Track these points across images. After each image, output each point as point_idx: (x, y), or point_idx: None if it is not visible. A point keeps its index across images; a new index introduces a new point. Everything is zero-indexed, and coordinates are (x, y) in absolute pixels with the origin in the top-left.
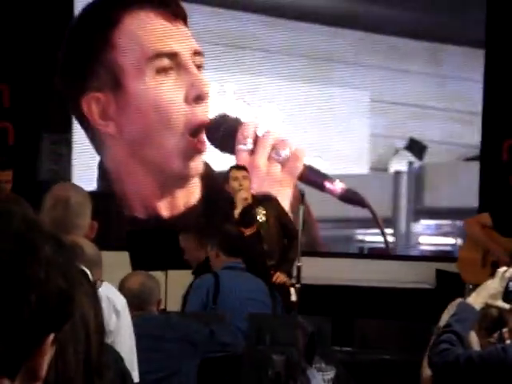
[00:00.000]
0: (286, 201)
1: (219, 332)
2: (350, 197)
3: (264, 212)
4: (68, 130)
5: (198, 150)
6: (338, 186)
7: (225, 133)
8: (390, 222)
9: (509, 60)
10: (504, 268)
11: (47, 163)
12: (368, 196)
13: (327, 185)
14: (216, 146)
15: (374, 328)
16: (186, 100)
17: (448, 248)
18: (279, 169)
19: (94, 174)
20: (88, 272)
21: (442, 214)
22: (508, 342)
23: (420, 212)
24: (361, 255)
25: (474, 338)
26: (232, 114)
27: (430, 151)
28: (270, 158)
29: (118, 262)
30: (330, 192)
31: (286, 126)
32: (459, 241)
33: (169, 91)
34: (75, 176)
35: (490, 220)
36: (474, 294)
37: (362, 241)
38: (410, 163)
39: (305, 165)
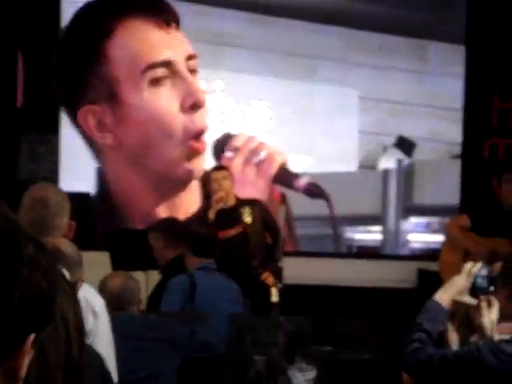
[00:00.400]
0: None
1: (200, 332)
2: (312, 190)
3: (250, 212)
4: (50, 130)
5: (198, 152)
6: (302, 181)
7: (219, 146)
8: (379, 219)
9: (491, 56)
10: (470, 264)
11: (27, 163)
12: (357, 194)
13: (294, 182)
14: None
15: (354, 328)
16: (182, 108)
17: (437, 246)
18: (254, 171)
19: (81, 174)
20: (66, 272)
21: (431, 212)
22: (472, 339)
23: (409, 210)
24: (343, 255)
25: (453, 337)
26: (235, 131)
27: (418, 148)
28: (246, 162)
29: (98, 262)
30: (297, 189)
31: (274, 123)
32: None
33: (165, 100)
34: (62, 177)
35: (469, 221)
36: (441, 291)
37: (351, 239)
38: (399, 161)
39: (280, 166)
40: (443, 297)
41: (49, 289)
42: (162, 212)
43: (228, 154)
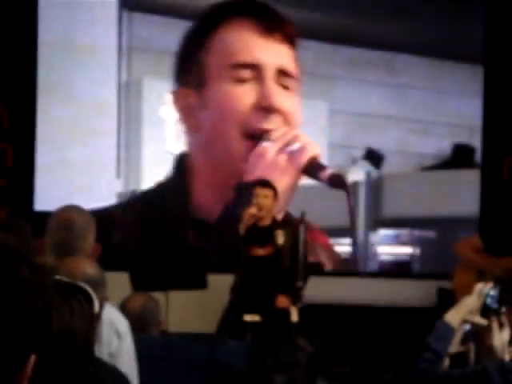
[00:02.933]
0: (282, 189)
1: (220, 353)
2: (336, 180)
3: (283, 234)
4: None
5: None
6: (327, 173)
7: None
8: (348, 232)
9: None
10: (481, 284)
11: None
12: (325, 207)
13: (320, 174)
14: None
15: (374, 348)
16: (255, 107)
17: (406, 258)
18: (285, 159)
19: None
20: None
21: (401, 224)
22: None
23: (378, 222)
24: (362, 274)
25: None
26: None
27: (386, 161)
28: (280, 150)
29: (118, 282)
30: (321, 179)
31: None
32: (417, 251)
33: (241, 98)
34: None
35: (481, 242)
36: (452, 311)
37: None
38: (368, 173)
39: (311, 157)
40: (454, 317)
41: (44, 306)
42: (217, 209)
43: (265, 143)
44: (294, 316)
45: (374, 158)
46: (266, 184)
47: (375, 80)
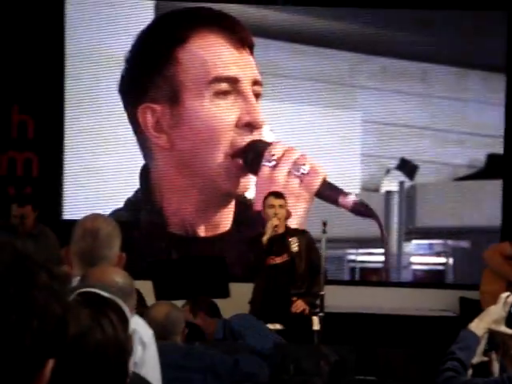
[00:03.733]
0: (300, 214)
1: (243, 362)
2: (361, 209)
3: (297, 242)
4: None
5: (242, 170)
6: (350, 199)
7: (255, 155)
8: (382, 242)
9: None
10: (507, 293)
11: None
12: (357, 218)
13: (340, 199)
14: (248, 169)
15: (397, 357)
16: (237, 124)
17: (440, 268)
18: (297, 183)
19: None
20: (119, 301)
21: (434, 234)
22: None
23: (411, 232)
24: (387, 283)
25: (496, 368)
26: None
27: (420, 171)
28: (289, 173)
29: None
30: (343, 206)
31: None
32: (450, 260)
33: (223, 113)
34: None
35: (511, 249)
36: (476, 320)
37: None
38: (401, 183)
39: (323, 180)
40: (478, 326)
41: (62, 312)
42: (201, 222)
43: (267, 163)
44: (316, 324)
45: (407, 167)
46: (278, 194)
47: (407, 90)
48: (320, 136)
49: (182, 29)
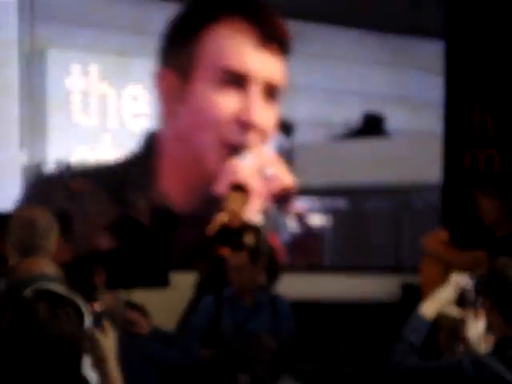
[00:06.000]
0: (254, 212)
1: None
2: (300, 222)
3: (253, 237)
4: None
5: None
6: (297, 207)
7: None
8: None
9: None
10: (457, 276)
11: None
12: None
13: (289, 206)
14: None
15: (341, 343)
16: (233, 121)
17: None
18: (259, 183)
19: None
20: (81, 304)
21: (311, 193)
22: (459, 350)
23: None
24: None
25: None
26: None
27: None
28: (258, 172)
29: None
30: (288, 211)
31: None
32: (329, 220)
33: (222, 105)
34: None
35: (448, 236)
36: (426, 304)
37: None
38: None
39: (283, 188)
40: (428, 309)
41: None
42: (180, 196)
43: (239, 158)
44: None
45: (284, 128)
46: (237, 188)
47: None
48: None
49: (217, 9)
